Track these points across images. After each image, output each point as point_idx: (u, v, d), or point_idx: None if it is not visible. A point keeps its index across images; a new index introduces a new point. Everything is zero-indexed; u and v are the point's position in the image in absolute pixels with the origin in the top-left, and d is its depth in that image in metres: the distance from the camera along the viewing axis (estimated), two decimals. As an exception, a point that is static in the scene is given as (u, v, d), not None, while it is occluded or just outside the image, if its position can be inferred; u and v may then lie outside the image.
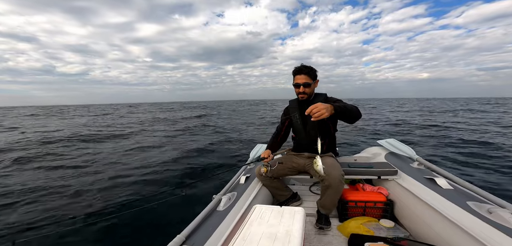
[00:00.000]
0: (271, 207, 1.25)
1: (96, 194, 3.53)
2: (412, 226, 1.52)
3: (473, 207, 1.25)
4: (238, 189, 1.72)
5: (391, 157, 2.24)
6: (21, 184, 3.99)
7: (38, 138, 9.16)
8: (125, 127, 12.93)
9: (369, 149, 2.74)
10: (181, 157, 5.60)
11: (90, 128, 12.38)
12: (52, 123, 16.25)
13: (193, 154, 5.95)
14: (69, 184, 3.99)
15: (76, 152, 6.61)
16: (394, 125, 10.98)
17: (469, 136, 7.40)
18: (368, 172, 1.88)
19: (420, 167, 1.94)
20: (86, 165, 5.20)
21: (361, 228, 1.52)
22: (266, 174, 1.71)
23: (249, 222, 1.14)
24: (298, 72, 1.70)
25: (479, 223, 1.12)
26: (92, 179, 4.21)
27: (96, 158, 5.86)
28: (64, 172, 4.72)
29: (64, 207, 3.16)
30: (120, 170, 4.69)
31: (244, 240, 1.01)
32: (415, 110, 20.59)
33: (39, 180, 4.26)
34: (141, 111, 30.18)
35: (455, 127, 9.50)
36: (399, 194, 1.69)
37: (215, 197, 1.57)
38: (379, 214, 1.70)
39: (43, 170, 4.89)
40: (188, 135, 9.41)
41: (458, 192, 1.45)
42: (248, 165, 2.29)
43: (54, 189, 3.75)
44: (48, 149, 7.04)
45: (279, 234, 1.04)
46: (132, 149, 6.83)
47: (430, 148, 5.97)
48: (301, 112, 1.77)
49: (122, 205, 3.23)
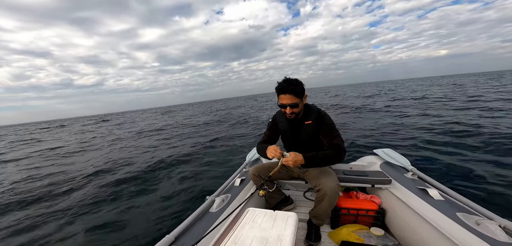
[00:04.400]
0: (264, 211, 1.26)
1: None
2: (402, 234, 1.53)
3: (462, 218, 1.27)
4: (233, 191, 1.73)
5: (386, 167, 2.26)
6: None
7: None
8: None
9: (365, 157, 2.76)
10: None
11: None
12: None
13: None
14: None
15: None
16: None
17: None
18: (363, 180, 1.89)
19: (413, 177, 1.96)
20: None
21: (352, 235, 1.54)
22: (264, 196, 1.71)
23: (241, 225, 1.15)
24: (282, 91, 1.47)
25: (467, 234, 1.14)
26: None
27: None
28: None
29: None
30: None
31: (235, 242, 1.02)
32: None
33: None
34: (191, 114, 27.19)
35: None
36: (391, 203, 1.71)
37: (209, 198, 1.58)
38: (371, 222, 1.72)
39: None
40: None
41: (448, 203, 1.47)
42: (244, 168, 2.31)
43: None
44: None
45: (270, 238, 1.04)
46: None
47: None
48: (291, 131, 1.65)
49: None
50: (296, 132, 1.63)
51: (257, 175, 1.77)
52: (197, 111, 29.30)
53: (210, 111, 26.15)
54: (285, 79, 1.47)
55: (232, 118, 14.13)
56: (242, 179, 1.93)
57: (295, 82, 1.45)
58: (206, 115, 19.70)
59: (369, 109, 11.05)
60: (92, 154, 7.79)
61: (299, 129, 1.61)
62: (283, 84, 1.45)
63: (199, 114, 23.31)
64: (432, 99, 12.66)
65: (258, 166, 1.88)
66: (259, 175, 1.76)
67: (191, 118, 18.86)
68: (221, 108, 29.12)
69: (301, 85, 1.47)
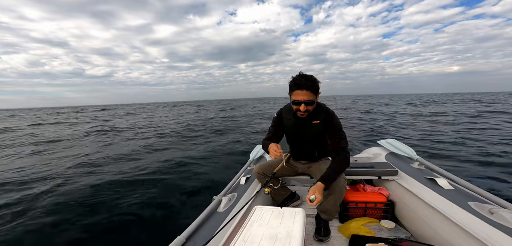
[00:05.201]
0: (272, 208, 1.24)
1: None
2: (413, 226, 1.51)
3: (474, 207, 1.25)
4: (239, 190, 1.72)
5: (391, 157, 2.24)
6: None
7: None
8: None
9: (370, 149, 2.74)
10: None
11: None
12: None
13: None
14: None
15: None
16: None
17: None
18: (369, 172, 1.87)
19: (420, 167, 1.94)
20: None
21: (362, 229, 1.51)
22: (270, 193, 1.69)
23: (249, 223, 1.13)
24: (298, 86, 1.37)
25: (481, 223, 1.12)
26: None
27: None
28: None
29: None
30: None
31: (245, 241, 1.01)
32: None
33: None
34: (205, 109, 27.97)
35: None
36: (399, 195, 1.69)
37: (216, 198, 1.57)
38: (380, 215, 1.69)
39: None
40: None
41: (459, 192, 1.44)
42: (249, 166, 2.29)
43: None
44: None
45: (279, 235, 1.03)
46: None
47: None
48: (297, 128, 1.60)
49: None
50: (302, 130, 1.59)
51: (261, 173, 1.76)
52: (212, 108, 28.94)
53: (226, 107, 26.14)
54: (302, 74, 1.39)
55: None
56: (247, 177, 1.91)
57: (312, 78, 1.37)
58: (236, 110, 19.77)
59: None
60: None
61: (306, 127, 1.57)
62: (301, 79, 1.37)
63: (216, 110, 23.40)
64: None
65: (262, 164, 1.86)
66: (263, 173, 1.74)
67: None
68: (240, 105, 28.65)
69: (317, 81, 1.40)
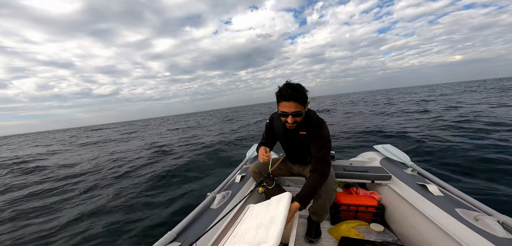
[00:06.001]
0: (262, 203, 1.27)
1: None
2: (401, 230, 1.54)
3: (461, 214, 1.28)
4: (233, 188, 1.74)
5: (386, 162, 2.26)
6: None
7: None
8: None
9: (365, 153, 2.76)
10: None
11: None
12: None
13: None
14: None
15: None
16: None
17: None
18: (362, 176, 1.90)
19: (413, 173, 1.96)
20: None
21: (352, 231, 1.55)
22: (264, 193, 1.71)
23: (241, 221, 1.16)
24: (284, 98, 1.28)
25: (466, 230, 1.15)
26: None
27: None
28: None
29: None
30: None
31: (235, 238, 1.04)
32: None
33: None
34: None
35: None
36: (391, 199, 1.72)
37: (210, 195, 1.59)
38: (370, 218, 1.73)
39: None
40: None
41: (447, 199, 1.47)
42: (244, 164, 2.31)
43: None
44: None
45: (264, 221, 1.04)
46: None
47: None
48: (286, 138, 1.59)
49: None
50: (291, 139, 1.57)
51: (257, 172, 1.77)
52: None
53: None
54: (288, 84, 1.30)
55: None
56: (242, 175, 1.94)
57: (299, 88, 1.29)
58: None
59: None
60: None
61: (291, 138, 1.56)
62: (287, 89, 1.28)
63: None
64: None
65: (258, 163, 1.88)
66: (259, 172, 1.76)
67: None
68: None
69: (305, 91, 1.31)
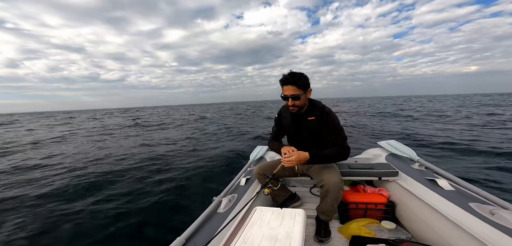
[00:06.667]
0: (272, 209, 1.24)
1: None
2: (413, 227, 1.50)
3: (475, 208, 1.24)
4: (239, 191, 1.71)
5: (391, 158, 2.24)
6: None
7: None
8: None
9: (370, 150, 2.73)
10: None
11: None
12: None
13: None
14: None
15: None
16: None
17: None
18: (369, 173, 1.87)
19: (421, 168, 1.93)
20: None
21: (362, 230, 1.51)
22: (270, 194, 1.70)
23: (249, 224, 1.13)
24: (284, 82, 1.49)
25: (481, 224, 1.11)
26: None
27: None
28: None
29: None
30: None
31: (245, 242, 1.00)
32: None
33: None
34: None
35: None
36: (400, 195, 1.69)
37: (216, 199, 1.56)
38: (380, 216, 1.69)
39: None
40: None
41: (459, 193, 1.44)
42: (249, 167, 2.28)
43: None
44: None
45: (280, 236, 1.03)
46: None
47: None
48: (294, 126, 1.66)
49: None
50: (299, 126, 1.62)
51: (261, 174, 1.76)
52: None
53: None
54: (290, 72, 1.49)
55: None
56: (247, 178, 1.91)
57: (299, 75, 1.47)
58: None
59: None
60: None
61: (301, 124, 1.61)
62: (287, 75, 1.48)
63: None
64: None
65: (262, 164, 1.86)
66: (263, 174, 1.74)
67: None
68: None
69: (305, 78, 1.48)
